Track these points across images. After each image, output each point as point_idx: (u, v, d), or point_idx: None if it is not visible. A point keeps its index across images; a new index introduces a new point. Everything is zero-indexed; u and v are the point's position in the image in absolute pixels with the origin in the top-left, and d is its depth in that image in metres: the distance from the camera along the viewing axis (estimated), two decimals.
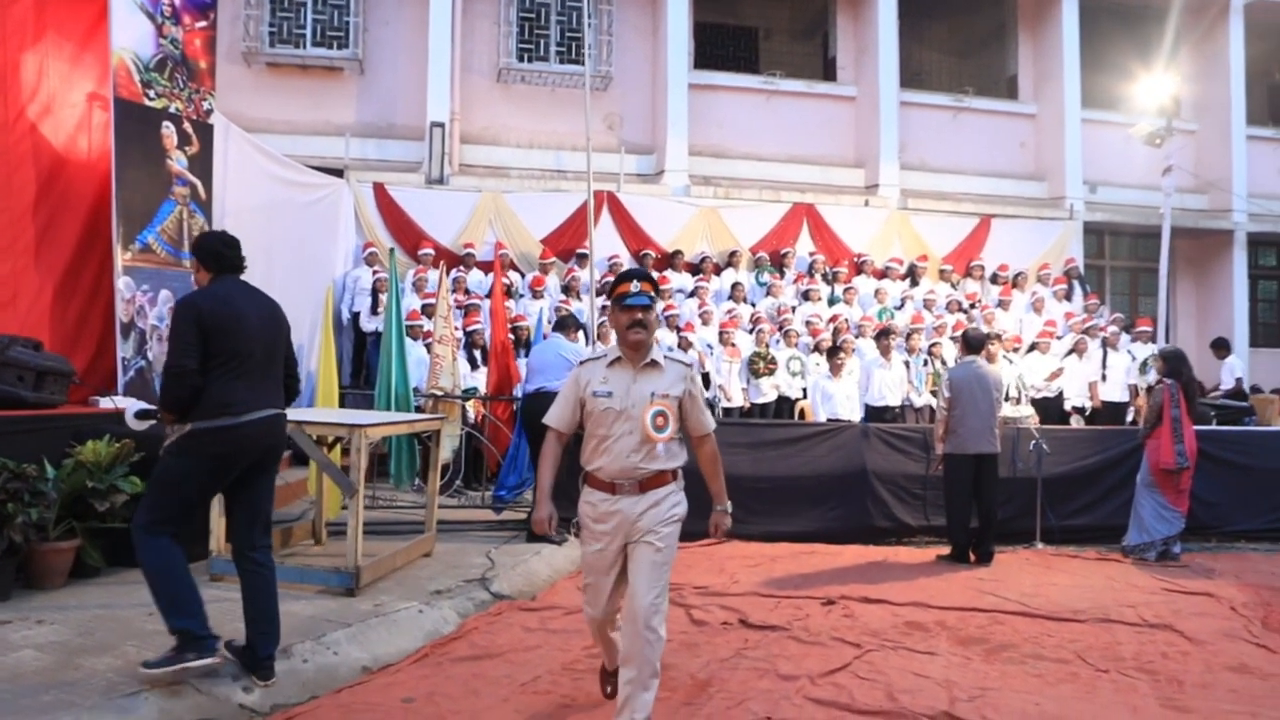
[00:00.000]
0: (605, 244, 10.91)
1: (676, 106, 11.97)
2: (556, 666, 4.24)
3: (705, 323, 10.45)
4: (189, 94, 6.99)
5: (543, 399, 6.62)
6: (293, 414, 4.29)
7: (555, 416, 3.44)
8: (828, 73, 13.60)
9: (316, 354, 7.34)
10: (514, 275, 10.50)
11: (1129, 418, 10.62)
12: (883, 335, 9.75)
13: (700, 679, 4.15)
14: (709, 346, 10.09)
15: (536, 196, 11.33)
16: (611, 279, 4.23)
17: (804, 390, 10.18)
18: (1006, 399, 8.46)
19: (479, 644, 4.46)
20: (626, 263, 10.94)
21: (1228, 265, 14.21)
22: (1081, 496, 7.97)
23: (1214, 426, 9.45)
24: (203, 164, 7.15)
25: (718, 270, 11.46)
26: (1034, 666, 4.44)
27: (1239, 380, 12.00)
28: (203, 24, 7.25)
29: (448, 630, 4.64)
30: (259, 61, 11.27)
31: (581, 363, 3.49)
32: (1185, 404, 7.51)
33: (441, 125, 11.11)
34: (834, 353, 9.27)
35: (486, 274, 10.52)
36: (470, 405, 8.12)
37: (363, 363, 10.03)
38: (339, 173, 10.69)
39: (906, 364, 10.04)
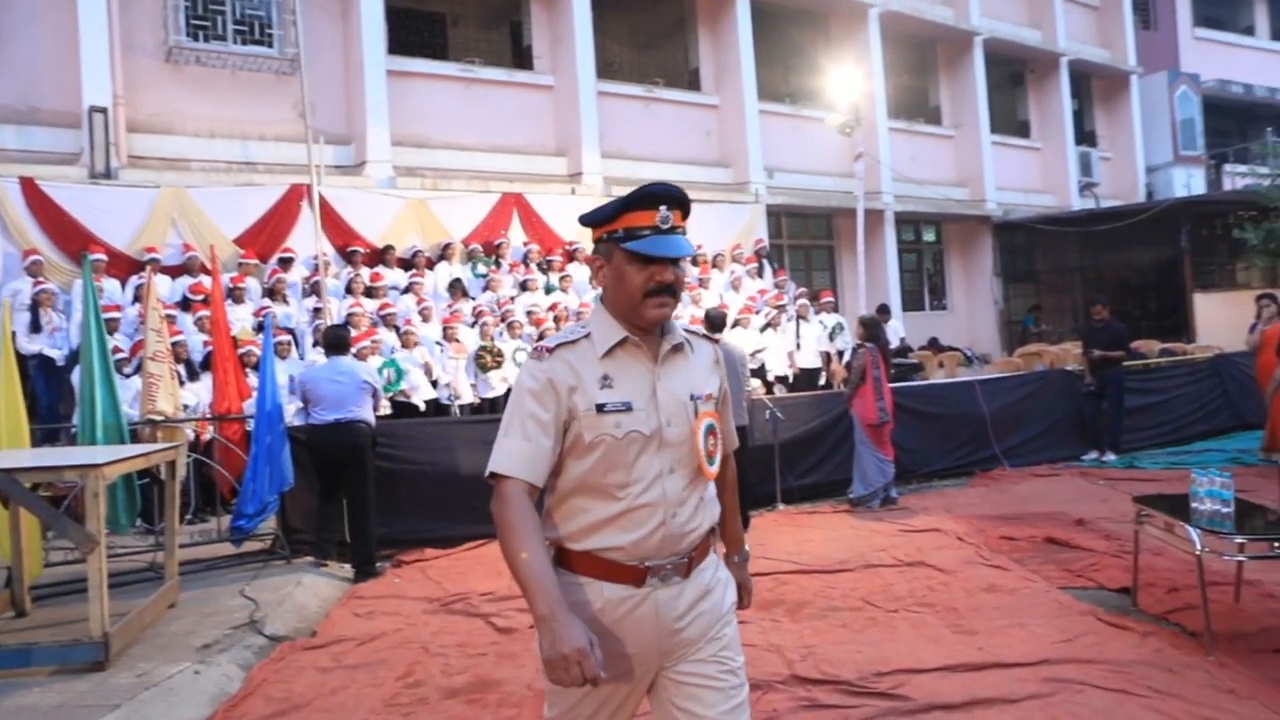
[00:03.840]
0: (307, 241, 10.12)
1: (375, 94, 11.36)
2: (378, 705, 3.89)
3: (426, 319, 10.08)
4: None
5: (341, 432, 6.14)
6: None
7: (517, 458, 1.89)
8: (522, 61, 13.57)
9: None
10: (206, 280, 9.43)
11: (822, 381, 11.69)
12: None
13: (539, 690, 3.98)
14: (438, 344, 9.74)
15: (226, 192, 10.24)
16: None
17: None
18: None
19: (276, 697, 3.98)
20: (334, 262, 10.21)
21: (881, 241, 16.08)
22: (810, 457, 8.66)
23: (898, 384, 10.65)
24: None
25: (431, 264, 11.08)
26: (836, 618, 4.76)
27: (903, 340, 13.66)
28: None
29: (234, 689, 4.10)
30: None
31: (539, 350, 1.98)
32: (884, 365, 8.40)
33: (103, 111, 9.66)
34: None
35: (174, 279, 9.41)
36: (193, 428, 7.19)
37: (26, 392, 8.51)
38: None
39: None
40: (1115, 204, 18.63)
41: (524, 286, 11.19)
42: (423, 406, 9.42)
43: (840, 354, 11.64)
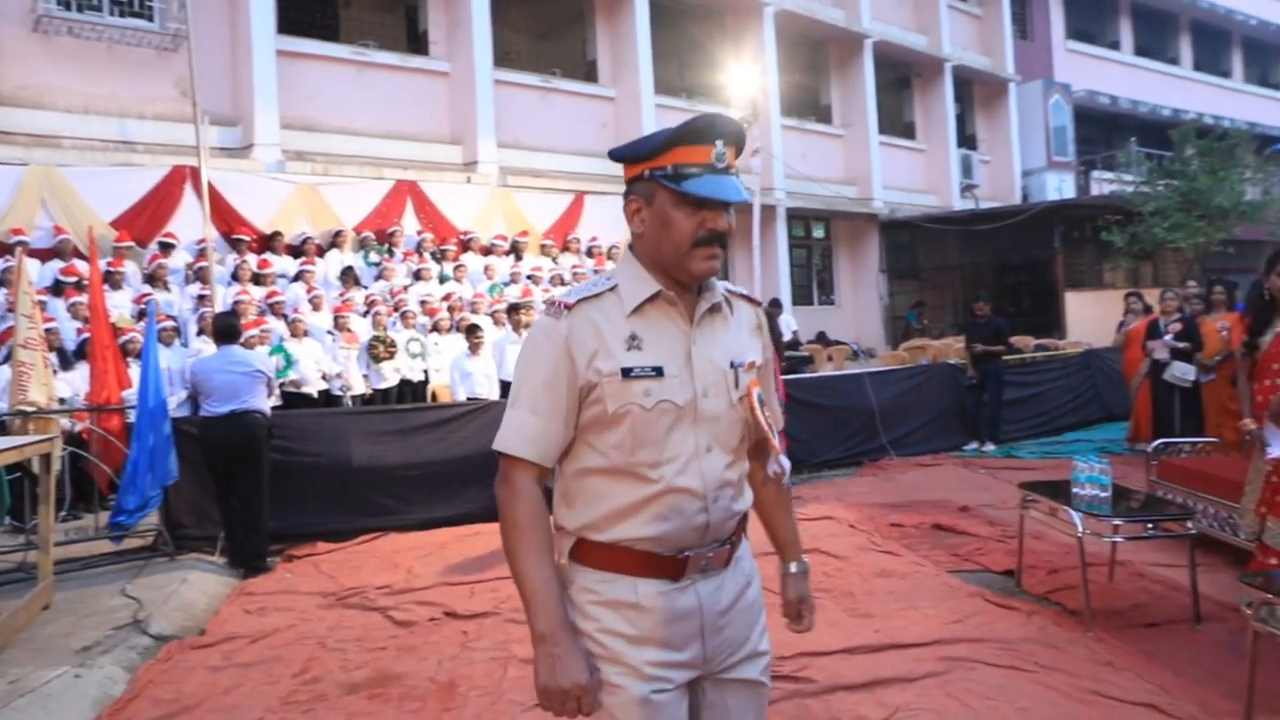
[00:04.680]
0: (190, 225, 9.70)
1: (263, 75, 10.95)
2: (274, 703, 3.78)
3: (316, 308, 9.80)
4: None
5: (236, 424, 5.91)
6: None
7: (524, 435, 1.67)
8: (417, 46, 13.28)
9: None
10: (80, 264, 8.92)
11: None
12: (514, 310, 9.84)
13: (442, 681, 3.95)
14: (329, 334, 9.48)
15: (102, 171, 9.71)
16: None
17: (425, 372, 9.99)
18: None
19: (165, 699, 3.82)
20: (218, 248, 9.80)
21: (774, 236, 16.40)
22: None
23: (791, 376, 10.91)
24: None
25: (321, 252, 10.77)
26: None
27: (795, 333, 13.98)
28: None
29: (119, 691, 3.90)
30: None
31: (555, 305, 1.71)
32: (777, 358, 8.60)
33: None
34: (472, 331, 9.18)
35: (44, 262, 8.88)
36: (69, 419, 6.80)
37: None
38: None
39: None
40: (994, 205, 19.49)
41: (418, 276, 11.00)
42: (315, 395, 9.17)
43: None
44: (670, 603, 1.69)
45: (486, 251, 11.96)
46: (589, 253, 12.93)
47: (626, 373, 1.66)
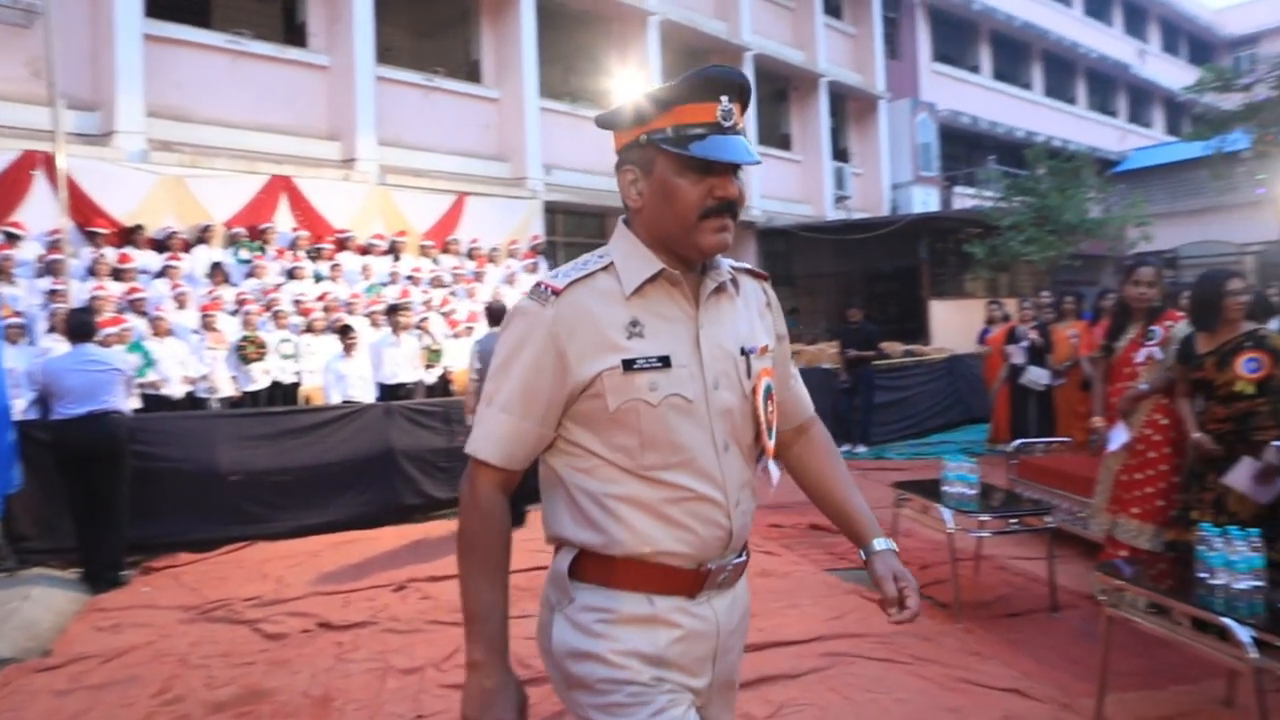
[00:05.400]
0: (42, 215, 9.11)
1: (127, 58, 10.33)
2: None
3: (182, 306, 9.37)
4: None
5: (94, 426, 5.59)
6: None
7: (493, 438, 1.53)
8: (295, 37, 12.81)
9: None
10: None
11: None
12: (393, 311, 9.61)
13: (316, 696, 3.82)
14: (195, 333, 9.05)
15: None
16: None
17: (298, 374, 9.66)
18: None
19: None
20: (73, 239, 9.21)
21: None
22: None
23: None
24: None
25: (187, 247, 10.28)
26: None
27: None
28: None
29: None
30: None
31: (542, 289, 1.52)
32: None
33: None
34: (345, 332, 8.91)
35: None
36: None
37: None
38: None
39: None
40: (865, 216, 20.21)
41: (291, 274, 10.63)
42: (178, 397, 8.74)
43: None
44: (689, 621, 1.52)
45: (364, 251, 11.66)
46: (470, 254, 12.76)
47: (629, 365, 1.47)
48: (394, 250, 11.89)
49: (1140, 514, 4.49)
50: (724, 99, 1.48)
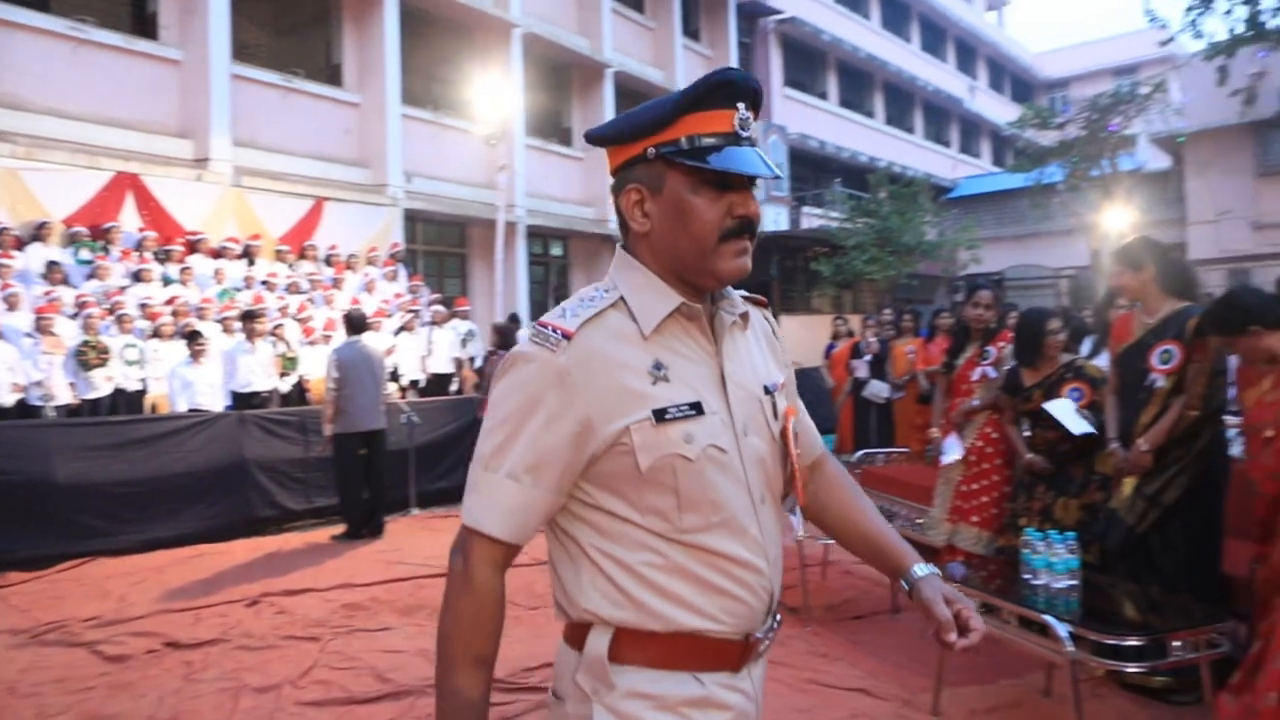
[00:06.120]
0: None
1: None
2: None
3: (12, 308, 8.89)
4: None
5: None
6: None
7: (500, 509, 1.33)
8: (143, 28, 12.25)
9: None
10: None
11: (453, 387, 11.95)
12: (247, 318, 9.41)
13: (163, 719, 3.79)
14: (28, 336, 8.62)
15: None
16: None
17: (143, 381, 9.34)
18: None
19: None
20: None
21: (514, 252, 16.66)
22: (444, 461, 8.86)
23: None
24: None
25: (20, 244, 9.73)
26: None
27: None
28: None
29: None
30: None
31: (548, 332, 1.32)
32: None
33: None
34: (193, 337, 8.68)
35: None
36: None
37: None
38: None
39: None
40: None
41: (138, 277, 10.22)
42: (9, 405, 8.30)
43: (472, 360, 11.98)
44: (736, 699, 1.37)
45: (217, 254, 11.30)
46: (328, 261, 12.57)
47: (661, 415, 1.30)
48: (248, 254, 11.57)
49: (979, 522, 4.87)
50: (741, 106, 1.33)
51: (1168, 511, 3.90)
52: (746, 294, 1.53)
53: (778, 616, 1.44)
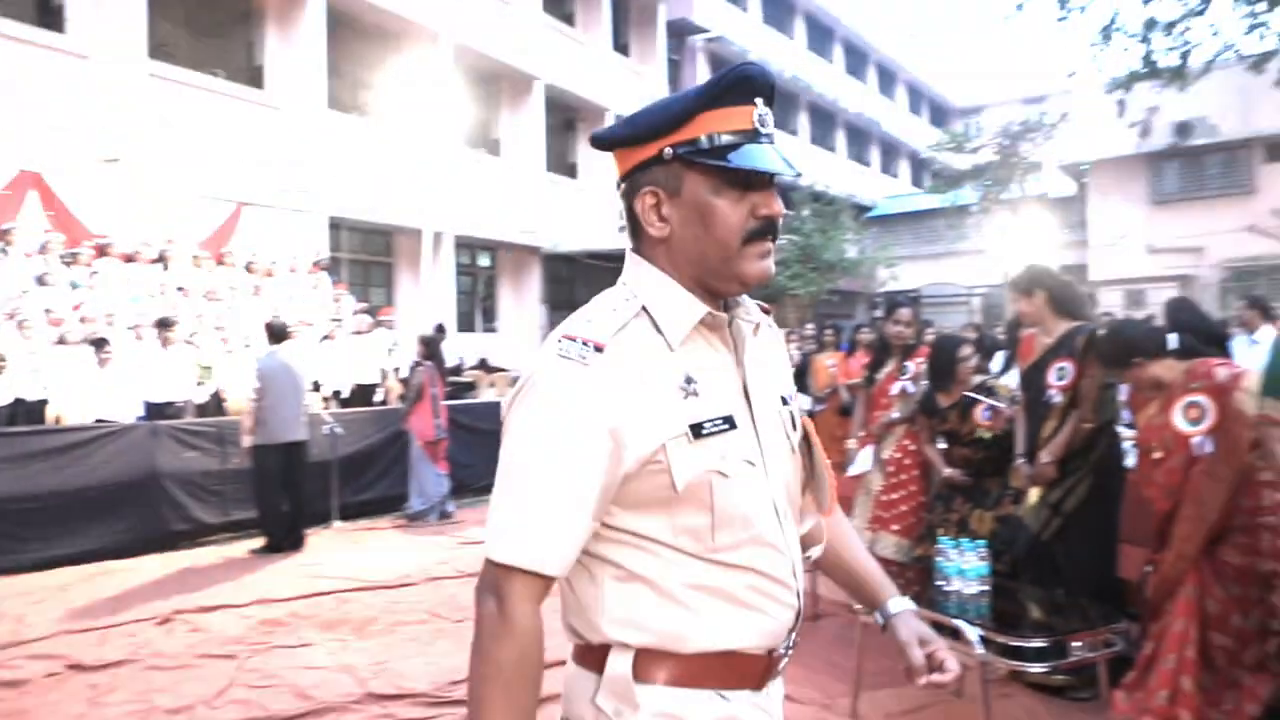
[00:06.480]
0: None
1: None
2: None
3: None
4: None
5: None
6: None
7: (537, 537, 1.24)
8: (51, 21, 11.78)
9: None
10: None
11: (378, 397, 11.79)
12: (161, 325, 9.15)
13: None
14: None
15: None
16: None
17: (46, 390, 8.98)
18: None
19: None
20: None
21: (441, 262, 16.51)
22: (367, 473, 8.75)
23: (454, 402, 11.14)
24: None
25: None
26: (405, 632, 4.98)
27: (460, 360, 14.21)
28: None
29: None
30: None
31: (575, 347, 1.24)
32: (441, 383, 8.86)
33: None
34: (100, 345, 8.39)
35: None
36: None
37: None
38: None
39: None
40: None
41: (41, 281, 9.83)
42: None
43: (397, 370, 11.84)
44: (758, 716, 1.34)
45: (128, 259, 10.93)
46: (247, 268, 12.28)
47: (697, 430, 1.25)
48: (163, 260, 11.24)
49: (899, 530, 5.02)
50: (759, 101, 1.29)
51: (1069, 519, 4.11)
52: (756, 303, 1.46)
53: (797, 635, 1.41)
